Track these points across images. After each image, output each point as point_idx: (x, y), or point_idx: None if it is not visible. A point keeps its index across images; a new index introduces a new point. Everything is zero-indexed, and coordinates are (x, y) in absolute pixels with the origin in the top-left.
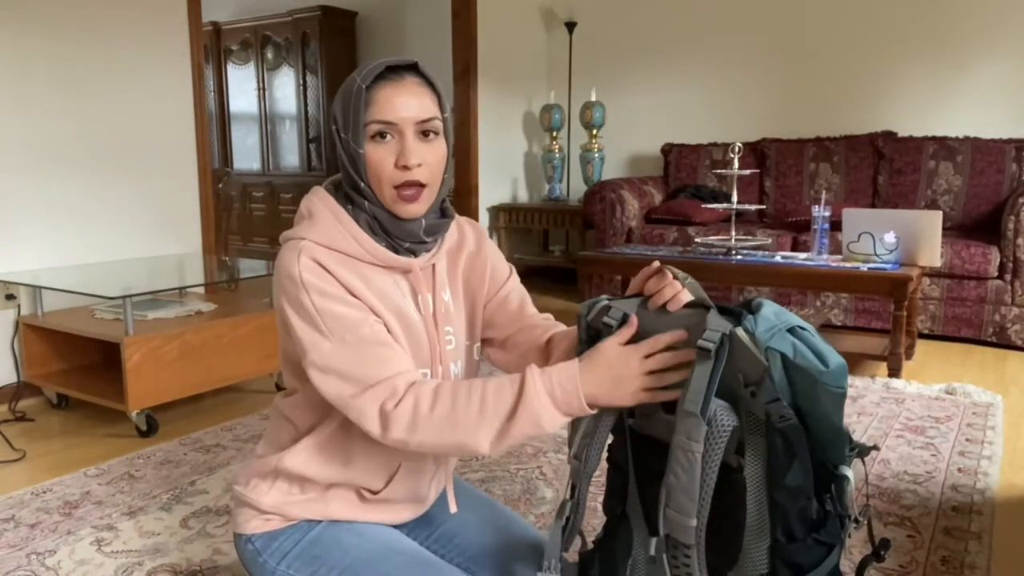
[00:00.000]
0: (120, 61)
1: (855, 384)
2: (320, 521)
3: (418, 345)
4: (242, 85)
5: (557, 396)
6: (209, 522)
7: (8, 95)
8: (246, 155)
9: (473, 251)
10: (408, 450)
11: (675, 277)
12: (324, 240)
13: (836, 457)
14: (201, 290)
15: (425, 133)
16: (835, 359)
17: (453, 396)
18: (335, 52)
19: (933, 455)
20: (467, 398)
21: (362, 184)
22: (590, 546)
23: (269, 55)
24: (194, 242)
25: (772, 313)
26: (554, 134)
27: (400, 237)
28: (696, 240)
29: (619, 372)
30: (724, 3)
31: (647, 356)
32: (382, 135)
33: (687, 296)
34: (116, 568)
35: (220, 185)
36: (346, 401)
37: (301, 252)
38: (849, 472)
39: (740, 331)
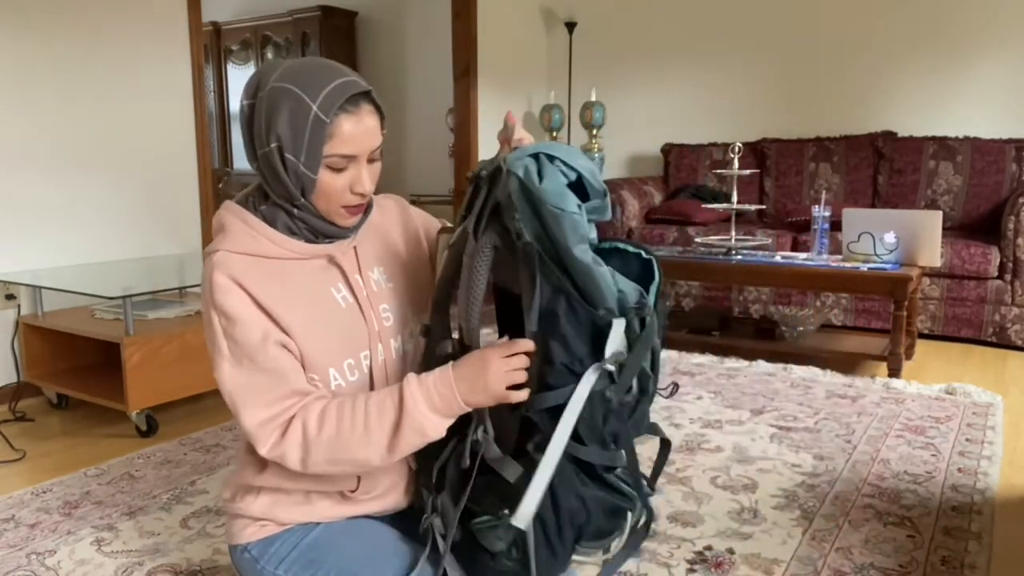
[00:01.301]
0: (120, 61)
1: (855, 384)
2: (316, 524)
3: (349, 330)
4: (242, 85)
5: (436, 403)
6: (209, 522)
7: (8, 95)
8: (246, 155)
9: (399, 222)
10: (308, 473)
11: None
12: (238, 247)
13: (598, 300)
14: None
15: (372, 158)
16: (553, 181)
17: (338, 417)
18: (335, 52)
19: (933, 455)
20: (351, 417)
21: (302, 200)
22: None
23: (269, 55)
24: (194, 242)
25: (536, 145)
26: (554, 134)
27: (327, 235)
28: (696, 240)
29: (486, 375)
30: (724, 3)
31: (507, 356)
32: (339, 166)
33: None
34: (116, 568)
35: (220, 185)
36: (240, 424)
37: (215, 269)
38: (617, 323)
39: (504, 162)
